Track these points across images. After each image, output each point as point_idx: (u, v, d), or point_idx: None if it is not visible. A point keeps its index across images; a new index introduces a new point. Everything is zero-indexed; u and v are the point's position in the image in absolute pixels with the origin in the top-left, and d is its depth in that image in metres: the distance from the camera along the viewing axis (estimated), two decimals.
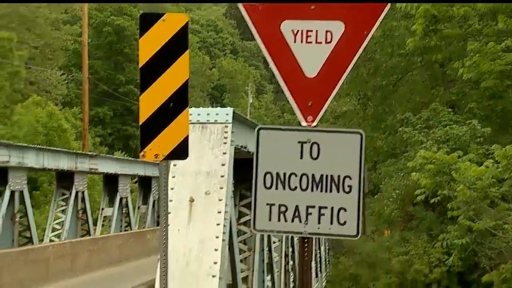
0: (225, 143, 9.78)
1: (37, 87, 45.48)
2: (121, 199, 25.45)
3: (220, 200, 9.55)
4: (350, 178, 5.01)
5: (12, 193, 18.57)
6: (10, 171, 18.45)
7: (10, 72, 36.54)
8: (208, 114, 9.85)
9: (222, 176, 9.68)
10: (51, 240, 21.33)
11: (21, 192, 19.05)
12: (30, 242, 19.66)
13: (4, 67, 35.61)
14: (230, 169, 9.89)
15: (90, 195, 25.09)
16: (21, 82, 40.41)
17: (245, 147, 11.09)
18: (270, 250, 14.78)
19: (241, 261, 12.15)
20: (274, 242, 15.67)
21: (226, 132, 9.78)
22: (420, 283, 28.03)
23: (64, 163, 21.66)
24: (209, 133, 9.79)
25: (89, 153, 26.90)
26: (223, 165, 9.74)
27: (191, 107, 7.73)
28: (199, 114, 9.80)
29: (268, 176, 5.06)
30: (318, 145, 5.04)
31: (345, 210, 5.00)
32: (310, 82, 5.12)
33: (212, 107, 10.28)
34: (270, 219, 5.08)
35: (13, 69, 36.89)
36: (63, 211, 22.13)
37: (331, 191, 5.02)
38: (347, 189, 5.01)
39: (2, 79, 34.63)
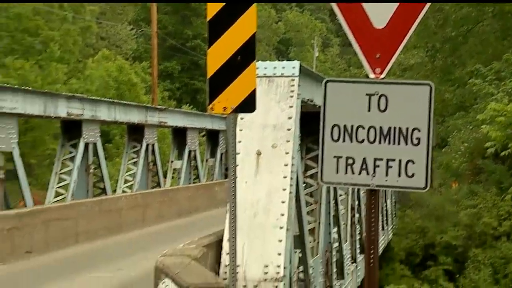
0: (291, 96, 9.70)
1: (108, 42, 46.04)
2: (189, 152, 25.71)
3: (287, 153, 9.52)
4: (419, 131, 4.94)
5: (86, 145, 18.96)
6: (84, 124, 18.82)
7: (82, 27, 37.06)
8: (274, 67, 9.76)
9: (288, 130, 9.63)
10: (123, 191, 21.76)
11: (95, 144, 19.43)
12: (104, 193, 20.10)
13: (77, 22, 36.11)
14: (297, 123, 9.83)
15: (160, 148, 25.42)
16: (93, 37, 40.96)
17: (312, 101, 10.97)
18: (336, 203, 14.74)
19: (307, 213, 12.14)
20: (340, 195, 15.61)
21: (292, 85, 9.69)
22: (488, 236, 27.67)
23: (134, 117, 21.96)
24: (276, 87, 9.71)
25: (159, 106, 27.20)
26: (289, 118, 9.67)
27: (257, 61, 7.69)
28: (265, 68, 9.72)
29: (336, 128, 5.02)
30: (386, 97, 4.97)
31: (413, 162, 4.94)
32: (379, 34, 5.02)
33: (278, 61, 10.16)
34: (337, 172, 5.05)
35: (85, 24, 37.40)
36: (135, 163, 22.49)
37: (399, 143, 4.96)
38: (415, 141, 4.94)
39: (75, 34, 35.14)
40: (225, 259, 8.78)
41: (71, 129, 19.04)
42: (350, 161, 5.02)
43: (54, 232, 14.61)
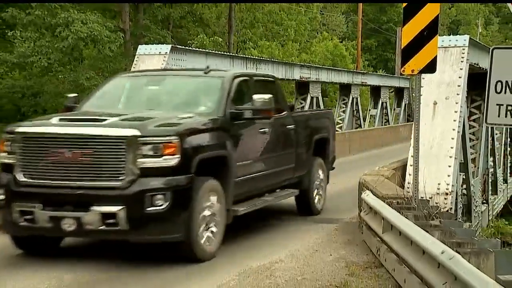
0: (461, 61, 9.18)
1: (327, 27, 45.68)
2: (382, 103, 25.14)
3: (457, 103, 9.12)
4: None
5: (312, 99, 19.23)
6: (310, 84, 19.10)
7: (310, 17, 37.16)
8: (450, 40, 9.28)
9: (458, 86, 9.20)
10: (336, 131, 21.81)
11: (317, 98, 19.63)
12: None
13: (307, 13, 36.24)
14: (465, 81, 9.32)
15: (361, 100, 25.01)
16: (317, 24, 40.94)
17: (477, 64, 10.32)
18: (493, 139, 13.98)
19: (470, 147, 11.59)
20: (496, 134, 14.64)
21: (463, 53, 9.15)
22: None
23: (344, 78, 21.88)
24: (450, 54, 9.21)
25: (361, 71, 26.72)
26: (459, 77, 9.21)
27: None
28: (442, 41, 9.22)
29: (499, 83, 4.66)
30: None
31: None
32: None
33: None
34: (498, 116, 4.71)
35: (312, 15, 37.44)
36: (343, 111, 22.44)
37: None
38: None
39: (305, 22, 35.37)
40: (408, 178, 8.56)
41: (302, 87, 19.40)
42: (509, 107, 4.64)
43: None
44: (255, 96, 6.50)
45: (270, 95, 6.58)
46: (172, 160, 5.48)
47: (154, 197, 5.42)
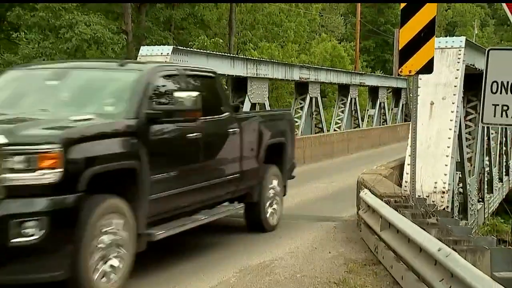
0: (458, 62, 9.18)
1: (326, 28, 45.67)
2: (380, 103, 25.12)
3: (453, 103, 9.11)
4: None
5: (311, 99, 19.22)
6: (309, 84, 19.08)
7: (310, 19, 37.18)
8: (446, 41, 9.28)
9: (455, 86, 9.19)
10: (334, 130, 21.83)
11: (316, 98, 19.62)
12: (322, 131, 20.32)
13: (306, 15, 36.27)
14: (461, 81, 9.32)
15: (359, 101, 24.99)
16: (316, 26, 40.96)
17: (473, 65, 10.33)
18: (488, 139, 13.95)
19: (466, 146, 11.58)
20: (491, 133, 14.62)
21: (459, 54, 9.16)
22: None
23: (343, 79, 21.87)
24: (446, 55, 9.21)
25: (359, 72, 26.72)
26: (456, 78, 9.21)
27: None
28: (439, 42, 9.22)
29: (494, 84, 4.67)
30: None
31: None
32: None
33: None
34: (494, 115, 4.71)
35: (311, 17, 37.47)
36: (342, 111, 22.42)
37: None
38: None
39: (305, 24, 35.38)
40: (406, 177, 8.55)
41: (301, 88, 19.38)
42: (505, 107, 4.65)
43: None
44: (179, 94, 5.23)
45: (197, 93, 5.28)
46: (52, 175, 4.11)
47: (23, 224, 4.01)
